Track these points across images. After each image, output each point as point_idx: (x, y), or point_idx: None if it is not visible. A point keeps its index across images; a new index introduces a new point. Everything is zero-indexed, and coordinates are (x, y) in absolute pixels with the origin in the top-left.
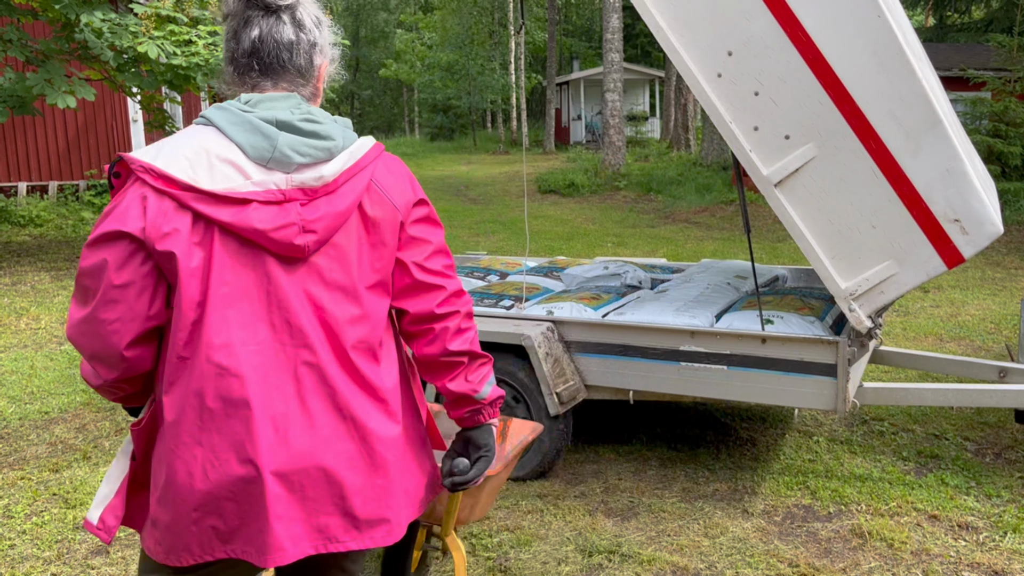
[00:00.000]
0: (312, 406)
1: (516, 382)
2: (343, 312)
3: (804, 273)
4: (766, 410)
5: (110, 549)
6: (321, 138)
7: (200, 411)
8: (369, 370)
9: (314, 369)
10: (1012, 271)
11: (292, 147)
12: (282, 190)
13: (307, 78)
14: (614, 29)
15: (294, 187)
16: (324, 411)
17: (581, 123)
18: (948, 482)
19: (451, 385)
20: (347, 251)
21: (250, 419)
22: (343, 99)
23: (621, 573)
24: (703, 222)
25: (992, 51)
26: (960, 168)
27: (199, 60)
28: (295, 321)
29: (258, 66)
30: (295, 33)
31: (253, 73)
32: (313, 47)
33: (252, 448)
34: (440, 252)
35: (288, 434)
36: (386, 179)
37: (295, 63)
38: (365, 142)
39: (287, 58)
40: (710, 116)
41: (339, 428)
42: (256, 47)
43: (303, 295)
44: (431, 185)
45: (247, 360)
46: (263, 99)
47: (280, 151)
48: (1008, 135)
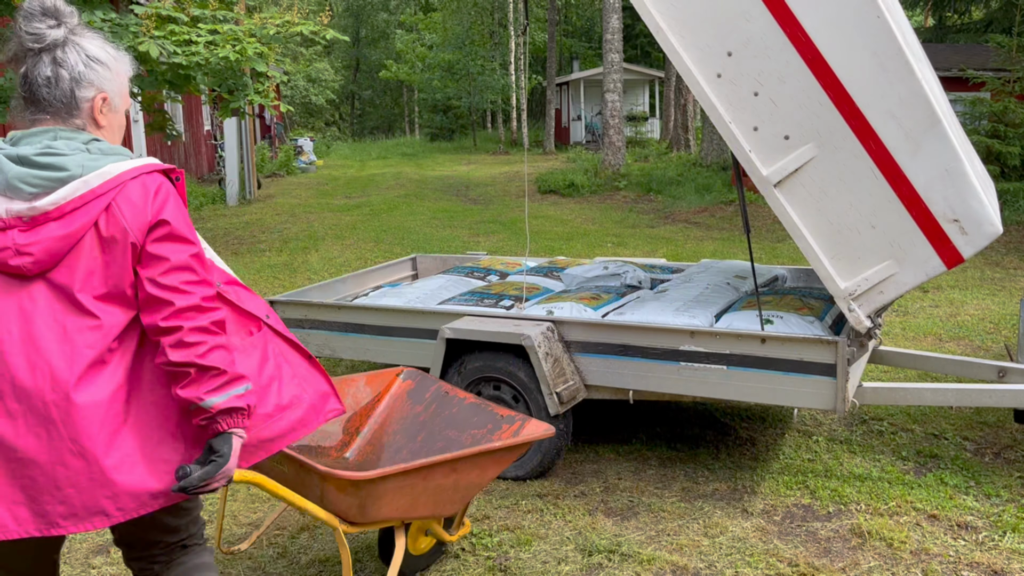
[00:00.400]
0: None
1: (516, 382)
2: (74, 321)
3: (804, 273)
4: (766, 410)
5: (111, 549)
6: (55, 170)
7: None
8: (92, 373)
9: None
10: (1011, 271)
11: (21, 179)
12: (3, 218)
13: (72, 111)
14: (614, 30)
15: (12, 216)
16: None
17: (581, 123)
18: (947, 482)
19: (180, 392)
20: (79, 267)
21: None
22: (343, 99)
23: (621, 573)
24: (703, 222)
25: (991, 51)
26: (959, 168)
27: (199, 60)
28: (30, 328)
29: (29, 102)
30: (53, 70)
31: (30, 108)
32: (76, 82)
33: None
34: (179, 269)
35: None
36: (126, 203)
37: (55, 97)
38: (111, 170)
39: (46, 93)
40: (710, 116)
41: (50, 427)
42: (24, 84)
43: (43, 306)
44: (431, 185)
45: None
46: (24, 135)
47: (10, 183)
48: (1007, 135)
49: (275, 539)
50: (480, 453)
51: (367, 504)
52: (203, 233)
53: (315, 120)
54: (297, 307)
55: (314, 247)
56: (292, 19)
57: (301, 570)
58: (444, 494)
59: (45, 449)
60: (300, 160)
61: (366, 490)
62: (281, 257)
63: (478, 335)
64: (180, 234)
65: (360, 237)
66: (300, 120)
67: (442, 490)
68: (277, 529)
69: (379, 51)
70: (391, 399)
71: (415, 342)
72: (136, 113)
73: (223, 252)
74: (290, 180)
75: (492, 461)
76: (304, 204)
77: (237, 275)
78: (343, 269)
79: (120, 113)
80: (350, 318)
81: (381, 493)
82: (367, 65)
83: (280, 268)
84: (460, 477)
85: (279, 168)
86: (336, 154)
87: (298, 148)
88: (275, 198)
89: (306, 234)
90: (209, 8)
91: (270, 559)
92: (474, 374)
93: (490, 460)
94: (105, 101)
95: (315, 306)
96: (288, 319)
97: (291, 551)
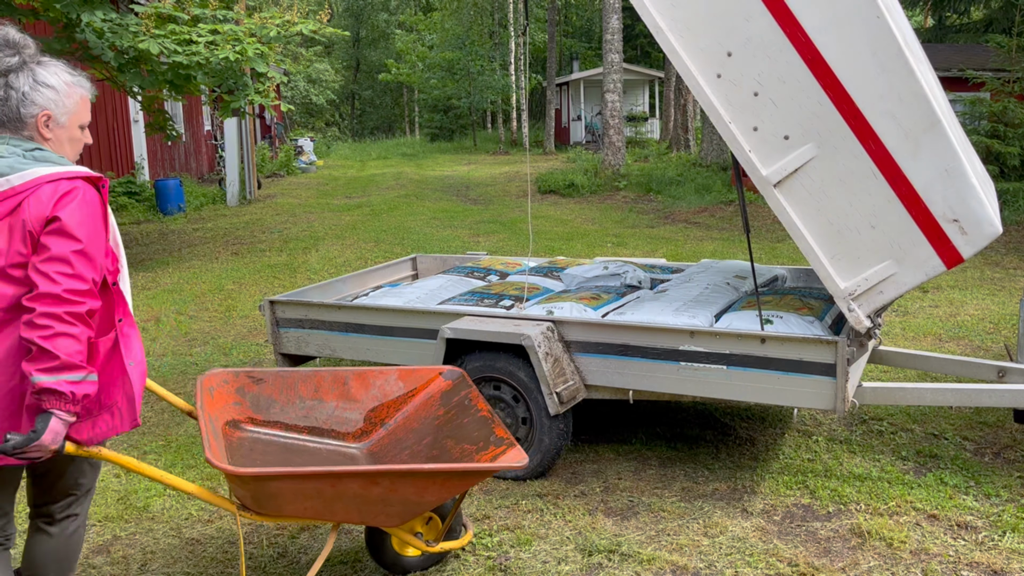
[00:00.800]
0: None
1: (516, 382)
2: None
3: (803, 273)
4: (765, 410)
5: (111, 548)
6: None
7: None
8: None
9: None
10: (1011, 271)
11: None
12: None
13: (19, 124)
14: (614, 30)
15: None
16: None
17: (581, 123)
18: (947, 481)
19: (23, 364)
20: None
21: None
22: (343, 100)
23: (621, 572)
24: (702, 222)
25: (991, 52)
26: (959, 168)
27: (200, 59)
28: None
29: None
30: (4, 91)
31: None
32: (21, 102)
33: None
34: (57, 260)
35: None
36: (35, 201)
37: (4, 112)
38: (33, 174)
39: (1, 109)
40: (710, 117)
41: None
42: None
43: None
44: (431, 186)
45: None
46: None
47: None
48: (1007, 135)
49: (275, 539)
50: (406, 473)
51: (260, 499)
52: (203, 233)
53: (315, 120)
54: (297, 307)
55: (314, 247)
56: (292, 18)
57: (301, 570)
58: (372, 505)
59: None
60: (300, 160)
61: (252, 486)
62: (281, 257)
63: (478, 335)
64: (68, 231)
65: (360, 237)
66: (300, 120)
67: (367, 500)
68: (277, 529)
69: (379, 51)
70: (426, 396)
71: (415, 342)
72: (136, 113)
73: (223, 252)
74: (290, 180)
75: (432, 483)
76: (304, 204)
77: (237, 275)
78: (343, 269)
79: (68, 128)
80: (350, 318)
81: (274, 492)
82: (367, 65)
83: (280, 268)
84: (388, 492)
85: (279, 168)
86: (336, 154)
87: (298, 148)
88: (275, 198)
89: (306, 234)
90: (210, 8)
91: (270, 559)
92: (474, 374)
93: (428, 481)
94: (49, 118)
95: (315, 306)
96: (288, 319)
97: (291, 551)
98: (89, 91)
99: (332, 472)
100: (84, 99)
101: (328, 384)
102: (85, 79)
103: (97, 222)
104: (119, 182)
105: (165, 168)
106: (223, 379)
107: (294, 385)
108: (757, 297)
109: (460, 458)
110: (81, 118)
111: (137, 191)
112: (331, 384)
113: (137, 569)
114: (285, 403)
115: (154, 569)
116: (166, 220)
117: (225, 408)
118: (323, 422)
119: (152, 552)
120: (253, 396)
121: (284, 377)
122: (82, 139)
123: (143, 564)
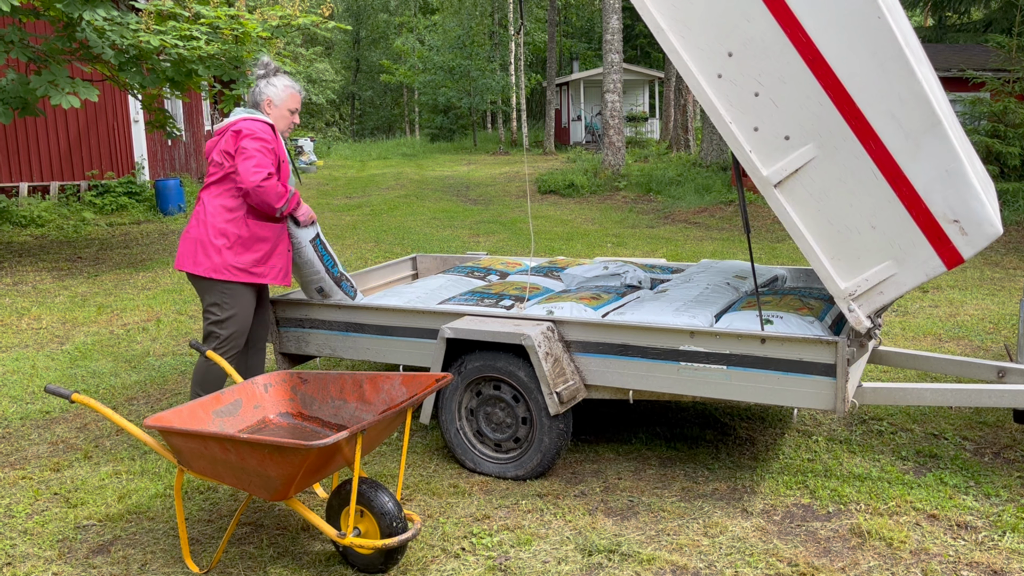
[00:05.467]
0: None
1: (516, 382)
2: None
3: (803, 273)
4: (765, 410)
5: (111, 548)
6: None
7: None
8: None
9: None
10: (1011, 271)
11: None
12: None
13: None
14: (614, 30)
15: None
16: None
17: (581, 124)
18: (947, 481)
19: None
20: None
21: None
22: (344, 100)
23: (621, 572)
24: (702, 222)
25: (991, 52)
26: (959, 169)
27: (201, 53)
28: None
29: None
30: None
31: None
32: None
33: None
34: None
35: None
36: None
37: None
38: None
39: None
40: (710, 117)
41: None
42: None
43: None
44: (431, 186)
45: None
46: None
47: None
48: (1007, 135)
49: (275, 539)
50: (234, 440)
51: (177, 454)
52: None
53: (315, 120)
54: (297, 307)
55: None
56: (294, 12)
57: (301, 570)
58: (240, 473)
59: None
60: (300, 160)
61: (165, 439)
62: None
63: (478, 335)
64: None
65: (360, 237)
66: (300, 120)
67: (232, 467)
68: (277, 529)
69: (379, 52)
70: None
71: (415, 342)
72: (136, 113)
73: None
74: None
75: (254, 453)
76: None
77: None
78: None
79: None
80: (350, 318)
81: (178, 446)
82: (367, 66)
83: None
84: (240, 459)
85: None
86: (336, 154)
87: (298, 148)
88: None
89: None
90: (211, 4)
91: (270, 559)
92: (474, 374)
93: (251, 450)
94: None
95: (315, 306)
96: (288, 318)
97: (291, 551)
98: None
99: (199, 434)
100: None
101: (349, 387)
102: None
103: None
104: (119, 182)
105: (165, 168)
106: (281, 378)
107: (327, 386)
108: (757, 297)
109: (314, 437)
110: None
111: (137, 191)
112: (351, 387)
113: (137, 569)
114: (322, 401)
115: (154, 569)
116: (166, 220)
117: (283, 401)
118: (346, 420)
119: (152, 552)
120: (302, 394)
121: (320, 379)
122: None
123: (143, 564)
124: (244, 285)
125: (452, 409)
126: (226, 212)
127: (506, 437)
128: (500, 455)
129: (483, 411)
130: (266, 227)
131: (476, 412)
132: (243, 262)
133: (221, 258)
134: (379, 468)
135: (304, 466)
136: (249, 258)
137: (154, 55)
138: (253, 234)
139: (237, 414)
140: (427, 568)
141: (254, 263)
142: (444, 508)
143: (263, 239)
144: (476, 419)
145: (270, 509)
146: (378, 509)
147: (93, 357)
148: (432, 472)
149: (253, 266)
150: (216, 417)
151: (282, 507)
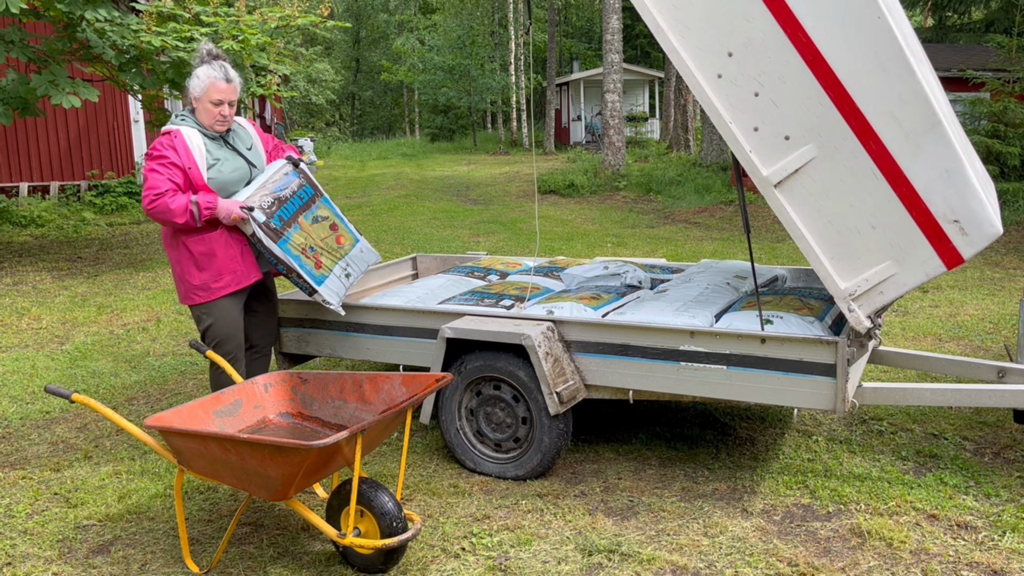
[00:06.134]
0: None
1: (516, 382)
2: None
3: (804, 273)
4: (765, 410)
5: (111, 548)
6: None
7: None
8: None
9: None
10: (1011, 271)
11: None
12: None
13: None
14: (614, 30)
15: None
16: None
17: (581, 124)
18: (947, 481)
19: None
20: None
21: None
22: (344, 100)
23: (621, 572)
24: (702, 222)
25: (991, 52)
26: (959, 169)
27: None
28: None
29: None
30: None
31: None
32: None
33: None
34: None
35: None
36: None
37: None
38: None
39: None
40: (710, 117)
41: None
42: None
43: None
44: (431, 186)
45: None
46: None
47: None
48: (1007, 135)
49: (275, 539)
50: (234, 440)
51: (177, 454)
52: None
53: (315, 120)
54: (297, 306)
55: None
56: (293, 12)
57: (301, 570)
58: (240, 472)
59: None
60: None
61: (165, 439)
62: None
63: (478, 335)
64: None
65: None
66: (300, 120)
67: (233, 467)
68: (277, 529)
69: (379, 52)
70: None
71: (415, 342)
72: (136, 113)
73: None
74: None
75: (255, 454)
76: None
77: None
78: None
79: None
80: (350, 318)
81: (178, 447)
82: (367, 65)
83: None
84: (240, 459)
85: None
86: (336, 154)
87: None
88: None
89: None
90: (211, 6)
91: (270, 559)
92: (474, 374)
93: (251, 451)
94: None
95: (315, 306)
96: (288, 318)
97: (291, 551)
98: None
99: (199, 434)
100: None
101: (349, 387)
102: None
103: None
104: (119, 182)
105: None
106: (281, 378)
107: (327, 386)
108: (757, 297)
109: (313, 437)
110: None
111: (137, 191)
112: (351, 387)
113: (137, 569)
114: (322, 401)
115: (154, 569)
116: None
117: (283, 401)
118: (346, 420)
119: (152, 552)
120: (302, 394)
121: (320, 379)
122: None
123: (143, 564)
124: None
125: (452, 409)
126: (171, 238)
127: (506, 437)
128: (500, 455)
129: (483, 411)
130: (203, 241)
131: (476, 412)
132: (201, 281)
133: (184, 285)
134: (379, 468)
135: (304, 466)
136: (204, 277)
137: (154, 56)
138: (197, 252)
139: (237, 414)
140: (427, 568)
141: (211, 279)
142: (444, 508)
143: (208, 254)
144: (476, 419)
145: (270, 509)
146: (378, 509)
147: (93, 357)
148: (432, 472)
149: (212, 282)
150: (216, 417)
151: (282, 507)
